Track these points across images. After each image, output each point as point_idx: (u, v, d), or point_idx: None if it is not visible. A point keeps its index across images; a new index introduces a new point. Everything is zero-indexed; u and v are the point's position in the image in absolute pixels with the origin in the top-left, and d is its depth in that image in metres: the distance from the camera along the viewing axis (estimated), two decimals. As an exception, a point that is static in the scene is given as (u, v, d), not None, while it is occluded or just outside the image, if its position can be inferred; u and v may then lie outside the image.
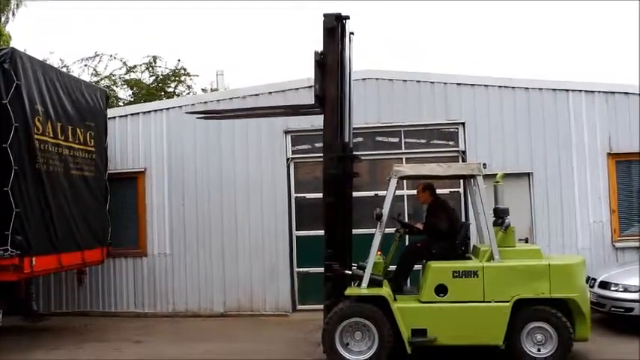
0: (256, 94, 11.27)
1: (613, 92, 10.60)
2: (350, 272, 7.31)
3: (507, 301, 6.90)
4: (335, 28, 7.64)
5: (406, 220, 9.80)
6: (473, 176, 7.54)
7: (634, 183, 10.58)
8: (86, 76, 18.68)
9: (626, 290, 8.45)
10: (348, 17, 7.77)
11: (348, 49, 7.84)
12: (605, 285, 8.73)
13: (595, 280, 8.91)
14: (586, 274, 7.68)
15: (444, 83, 10.90)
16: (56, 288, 11.53)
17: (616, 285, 8.60)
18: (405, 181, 10.11)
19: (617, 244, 10.40)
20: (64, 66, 19.06)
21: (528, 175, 10.64)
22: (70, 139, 9.52)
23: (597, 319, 8.44)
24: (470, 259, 7.54)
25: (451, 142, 11.01)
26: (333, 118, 7.58)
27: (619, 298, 8.48)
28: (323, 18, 7.65)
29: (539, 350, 6.92)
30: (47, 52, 23.31)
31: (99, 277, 11.41)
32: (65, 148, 9.35)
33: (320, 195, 7.95)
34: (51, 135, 8.98)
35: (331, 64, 7.63)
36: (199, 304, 11.15)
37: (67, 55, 32.85)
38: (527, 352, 6.93)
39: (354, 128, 8.12)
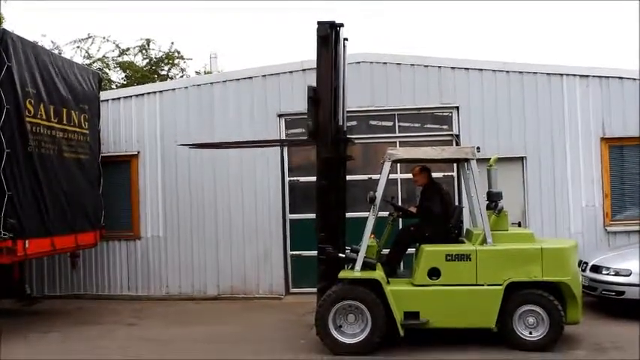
0: (250, 77, 11.23)
1: (607, 77, 10.58)
2: (343, 255, 7.33)
3: (500, 285, 6.94)
4: (329, 36, 7.49)
5: (400, 203, 9.82)
6: (466, 160, 7.53)
7: (627, 167, 10.60)
8: (78, 58, 18.57)
9: (617, 274, 8.50)
10: (342, 25, 7.62)
11: (342, 56, 7.69)
12: (596, 269, 8.78)
13: (587, 263, 8.96)
14: (578, 257, 7.73)
15: (439, 67, 10.87)
16: (49, 271, 11.54)
17: (607, 269, 8.64)
18: (398, 165, 10.13)
19: (609, 228, 10.44)
20: (56, 47, 18.92)
21: (522, 159, 10.65)
22: (65, 122, 9.46)
23: (588, 303, 8.50)
24: (463, 242, 7.57)
25: (445, 126, 11.00)
26: (328, 148, 7.48)
27: (610, 281, 8.53)
28: (316, 26, 7.47)
29: (530, 333, 6.98)
30: (39, 35, 23.12)
31: (92, 259, 11.42)
32: (59, 131, 9.30)
33: (313, 178, 7.91)
34: (44, 117, 8.91)
35: (324, 75, 7.46)
36: (193, 286, 11.18)
37: (58, 37, 32.57)
38: (519, 334, 6.99)
39: (348, 112, 8.12)
